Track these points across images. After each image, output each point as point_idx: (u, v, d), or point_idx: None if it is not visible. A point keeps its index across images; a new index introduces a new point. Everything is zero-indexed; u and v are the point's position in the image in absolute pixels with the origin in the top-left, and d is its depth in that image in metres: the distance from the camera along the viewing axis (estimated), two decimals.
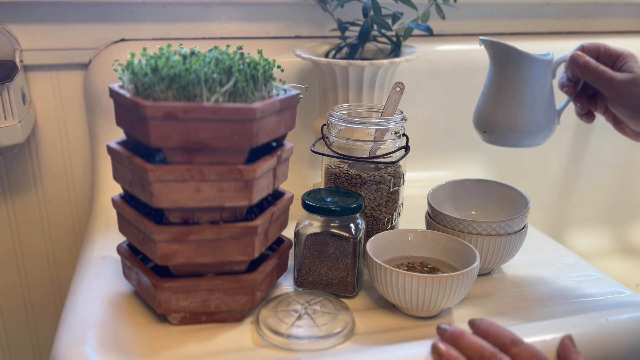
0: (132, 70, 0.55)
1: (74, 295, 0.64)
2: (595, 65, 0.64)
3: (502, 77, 0.68)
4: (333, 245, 0.64)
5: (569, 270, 0.73)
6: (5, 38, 0.87)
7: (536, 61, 0.67)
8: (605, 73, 0.64)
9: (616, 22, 1.16)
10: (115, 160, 0.60)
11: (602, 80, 0.64)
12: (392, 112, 0.73)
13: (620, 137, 0.72)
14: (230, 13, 0.96)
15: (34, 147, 0.94)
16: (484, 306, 0.65)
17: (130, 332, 0.58)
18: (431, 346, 0.53)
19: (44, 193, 0.97)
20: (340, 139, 0.71)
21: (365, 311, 0.63)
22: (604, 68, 0.64)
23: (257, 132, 0.55)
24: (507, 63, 0.68)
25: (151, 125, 0.52)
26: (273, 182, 0.61)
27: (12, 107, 0.82)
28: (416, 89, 1.01)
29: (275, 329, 0.58)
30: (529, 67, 0.67)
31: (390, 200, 0.71)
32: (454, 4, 0.90)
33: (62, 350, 0.54)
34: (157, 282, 0.57)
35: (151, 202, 0.54)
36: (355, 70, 0.81)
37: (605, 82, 0.64)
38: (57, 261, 1.01)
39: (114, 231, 0.72)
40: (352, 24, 0.90)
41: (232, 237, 0.57)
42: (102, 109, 0.91)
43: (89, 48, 0.91)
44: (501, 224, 0.67)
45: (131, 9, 0.91)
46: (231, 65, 0.55)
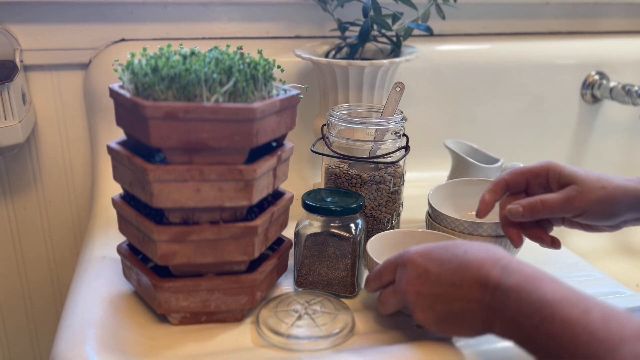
0: (132, 70, 0.55)
1: (74, 295, 0.64)
2: (538, 203, 0.62)
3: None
4: (333, 245, 0.64)
5: (569, 270, 0.73)
6: (5, 38, 0.87)
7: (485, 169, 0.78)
8: (558, 201, 0.62)
9: (616, 22, 1.16)
10: (115, 160, 0.60)
11: (562, 209, 0.62)
12: (392, 112, 0.73)
13: (620, 137, 0.72)
14: (230, 13, 0.96)
15: (34, 147, 0.94)
16: None
17: (130, 332, 0.58)
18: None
19: (44, 193, 0.97)
20: (340, 139, 0.71)
21: (365, 311, 0.63)
22: (550, 197, 0.62)
23: (257, 132, 0.55)
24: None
25: (151, 125, 0.52)
26: (273, 182, 0.61)
27: (12, 107, 0.82)
28: (416, 89, 1.01)
29: (275, 329, 0.58)
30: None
31: (390, 200, 0.71)
32: (454, 4, 0.90)
33: (62, 350, 0.54)
34: (157, 282, 0.57)
35: (151, 202, 0.54)
36: (355, 70, 0.81)
37: (566, 208, 0.62)
38: (57, 261, 1.01)
39: (114, 231, 0.72)
40: (352, 24, 0.90)
41: (232, 237, 0.56)
42: (102, 109, 0.91)
43: (89, 48, 0.91)
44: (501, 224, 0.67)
45: (131, 9, 0.91)
46: (231, 65, 0.55)
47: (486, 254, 0.51)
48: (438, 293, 0.52)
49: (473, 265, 0.50)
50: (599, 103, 1.13)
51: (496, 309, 0.48)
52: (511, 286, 0.47)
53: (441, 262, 0.52)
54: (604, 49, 1.13)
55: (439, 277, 0.52)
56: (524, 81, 1.08)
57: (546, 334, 0.44)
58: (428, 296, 0.52)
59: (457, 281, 0.51)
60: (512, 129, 1.10)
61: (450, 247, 0.54)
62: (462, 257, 0.52)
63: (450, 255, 0.52)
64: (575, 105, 1.12)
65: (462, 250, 0.52)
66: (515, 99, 1.09)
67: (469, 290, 0.50)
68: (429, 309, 0.53)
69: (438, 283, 0.52)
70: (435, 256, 0.53)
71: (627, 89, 1.05)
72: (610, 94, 1.08)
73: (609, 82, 1.09)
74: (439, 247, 0.54)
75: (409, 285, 0.53)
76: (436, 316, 0.52)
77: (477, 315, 0.50)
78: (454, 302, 0.51)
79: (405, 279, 0.54)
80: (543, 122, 1.11)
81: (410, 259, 0.54)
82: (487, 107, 1.07)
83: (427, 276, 0.52)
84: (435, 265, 0.52)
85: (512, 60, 1.07)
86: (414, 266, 0.53)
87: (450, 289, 0.51)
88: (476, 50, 1.06)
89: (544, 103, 1.10)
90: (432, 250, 0.54)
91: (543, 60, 1.08)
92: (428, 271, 0.52)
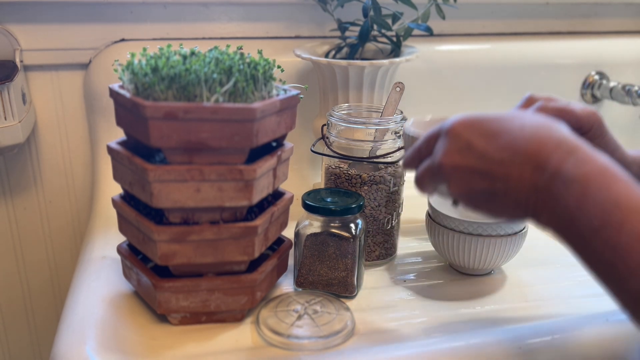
0: (132, 70, 0.55)
1: (74, 296, 0.64)
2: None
3: None
4: (333, 245, 0.64)
5: (569, 270, 0.73)
6: (5, 38, 0.87)
7: None
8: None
9: (616, 22, 1.16)
10: (115, 160, 0.60)
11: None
12: (392, 112, 0.73)
13: (620, 137, 0.72)
14: (230, 13, 0.96)
15: (34, 147, 0.94)
16: (484, 306, 0.65)
17: (130, 332, 0.58)
18: None
19: (44, 193, 0.97)
20: (340, 139, 0.71)
21: (365, 311, 0.63)
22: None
23: (257, 132, 0.55)
24: None
25: (151, 125, 0.52)
26: (273, 182, 0.61)
27: (12, 107, 0.82)
28: (416, 89, 1.01)
29: (275, 329, 0.58)
30: None
31: (390, 200, 0.71)
32: (454, 4, 0.90)
33: (62, 350, 0.54)
34: (157, 282, 0.57)
35: (151, 202, 0.54)
36: (355, 70, 0.81)
37: None
38: (57, 261, 1.01)
39: (114, 231, 0.72)
40: (352, 24, 0.90)
41: (232, 237, 0.56)
42: (102, 109, 0.91)
43: (89, 48, 0.91)
44: (502, 225, 0.67)
45: (131, 9, 0.91)
46: (231, 65, 0.55)
47: (548, 132, 0.44)
48: (479, 169, 0.45)
49: (530, 144, 0.43)
50: (599, 103, 1.13)
51: (549, 198, 0.42)
52: (576, 177, 0.41)
53: (489, 135, 0.45)
54: (604, 49, 1.13)
55: (483, 153, 0.45)
56: (524, 81, 1.08)
57: (607, 241, 0.39)
58: (466, 171, 0.46)
59: (507, 159, 0.44)
60: None
61: (503, 119, 0.46)
62: (517, 133, 0.44)
63: (502, 129, 0.45)
64: None
65: (518, 125, 0.45)
66: (515, 99, 1.07)
67: (518, 170, 0.43)
68: (465, 185, 0.46)
69: (482, 159, 0.45)
70: (483, 128, 0.46)
71: (627, 89, 1.05)
72: (610, 94, 1.08)
73: (609, 82, 1.09)
74: (489, 118, 0.47)
75: (446, 157, 0.47)
76: (473, 194, 0.46)
77: (521, 200, 0.44)
78: (497, 182, 0.45)
79: (443, 150, 0.47)
80: None
81: (452, 130, 0.47)
82: (487, 107, 1.07)
83: (470, 150, 0.46)
84: (482, 138, 0.45)
85: (512, 60, 1.07)
86: (455, 137, 0.47)
87: (496, 166, 0.44)
88: (476, 50, 1.06)
89: None
90: (479, 121, 0.47)
91: (543, 60, 1.08)
92: (471, 144, 0.46)
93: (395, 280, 0.70)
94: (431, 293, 0.67)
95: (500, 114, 0.47)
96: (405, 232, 0.81)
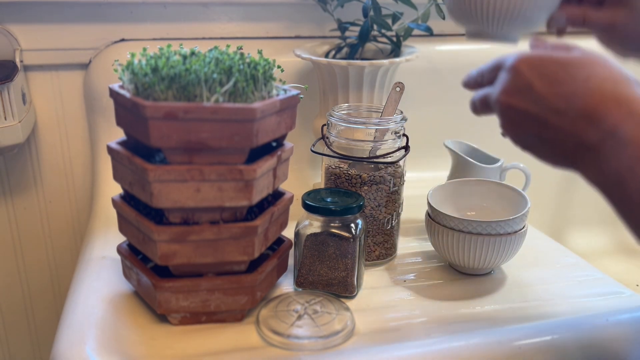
0: (132, 70, 0.55)
1: (74, 295, 0.64)
2: (581, 18, 0.57)
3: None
4: (333, 245, 0.64)
5: (569, 270, 0.73)
6: (5, 38, 0.87)
7: None
8: (602, 21, 0.56)
9: None
10: (115, 160, 0.60)
11: (604, 30, 0.57)
12: (392, 112, 0.73)
13: None
14: (230, 13, 0.96)
15: (34, 147, 0.94)
16: (484, 306, 0.65)
17: (130, 332, 0.58)
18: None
19: (44, 193, 0.97)
20: (340, 139, 0.71)
21: (365, 311, 0.63)
22: (595, 15, 0.57)
23: (257, 132, 0.55)
24: None
25: (151, 125, 0.52)
26: (273, 182, 0.61)
27: (12, 107, 0.82)
28: (416, 89, 1.01)
29: (275, 329, 0.58)
30: None
31: (390, 200, 0.71)
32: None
33: (62, 350, 0.54)
34: (157, 282, 0.57)
35: (151, 202, 0.54)
36: (355, 70, 0.81)
37: (608, 30, 0.57)
38: (57, 261, 1.01)
39: (114, 231, 0.72)
40: (352, 24, 0.90)
41: (232, 237, 0.56)
42: (102, 109, 0.91)
43: (89, 48, 0.91)
44: (501, 224, 0.67)
45: (131, 9, 0.91)
46: (231, 65, 0.55)
47: (612, 88, 0.42)
48: (534, 113, 0.44)
49: (590, 98, 0.42)
50: None
51: (599, 155, 0.42)
52: (633, 139, 0.40)
53: (552, 80, 0.44)
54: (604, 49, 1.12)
55: (542, 98, 0.44)
56: None
57: None
58: (520, 112, 0.45)
59: (562, 109, 0.43)
60: None
61: (571, 64, 0.44)
62: (580, 83, 0.43)
63: (566, 76, 0.44)
64: None
65: (584, 75, 0.43)
66: None
67: (572, 122, 0.42)
68: (517, 125, 0.46)
69: (538, 103, 0.44)
70: (548, 71, 0.44)
71: None
72: None
73: None
74: (557, 60, 0.45)
75: (504, 94, 0.46)
76: (522, 135, 0.46)
77: (568, 150, 0.44)
78: (548, 130, 0.44)
79: (502, 87, 0.46)
80: None
81: (516, 67, 0.46)
82: None
83: (529, 92, 0.45)
84: (544, 82, 0.44)
85: None
86: (517, 75, 0.46)
87: (550, 114, 0.43)
88: (476, 50, 1.06)
89: None
90: (545, 61, 0.45)
91: None
92: (532, 87, 0.44)
93: (395, 280, 0.70)
94: (431, 293, 0.67)
95: (569, 57, 0.45)
96: (405, 232, 0.81)
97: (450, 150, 0.86)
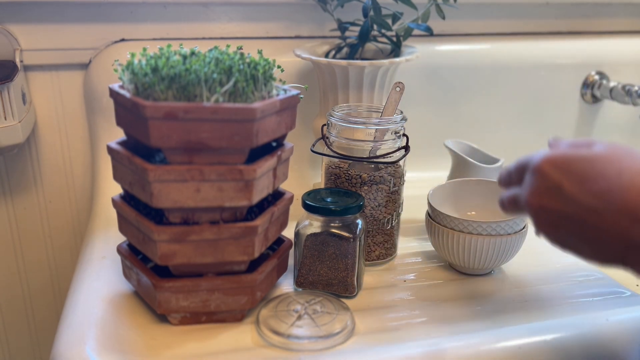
0: (132, 70, 0.55)
1: (74, 295, 0.64)
2: None
3: None
4: (333, 245, 0.64)
5: (569, 270, 0.73)
6: (5, 38, 0.87)
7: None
8: None
9: (616, 22, 1.16)
10: (115, 160, 0.60)
11: None
12: (392, 112, 0.73)
13: (620, 137, 0.72)
14: (230, 13, 0.96)
15: (34, 147, 0.94)
16: (484, 306, 0.65)
17: (130, 332, 0.58)
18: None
19: (44, 193, 0.97)
20: (340, 139, 0.71)
21: (365, 311, 0.63)
22: None
23: (257, 132, 0.55)
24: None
25: (151, 125, 0.52)
26: (273, 182, 0.61)
27: (12, 107, 0.82)
28: (416, 89, 1.01)
29: (275, 329, 0.58)
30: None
31: (390, 200, 0.71)
32: (454, 4, 0.90)
33: (62, 350, 0.54)
34: (157, 282, 0.57)
35: (151, 202, 0.54)
36: (355, 70, 0.81)
37: None
38: (57, 261, 1.01)
39: (114, 231, 0.72)
40: (352, 24, 0.90)
41: (232, 237, 0.56)
42: (102, 109, 0.91)
43: (89, 48, 0.91)
44: (501, 224, 0.67)
45: (131, 9, 0.91)
46: (231, 65, 0.55)
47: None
48: (570, 214, 0.43)
49: (627, 193, 0.40)
50: (599, 103, 1.13)
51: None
52: None
53: (583, 179, 0.42)
54: (604, 49, 1.13)
55: (575, 197, 0.42)
56: (524, 81, 1.08)
57: None
58: (555, 214, 0.44)
59: (600, 208, 0.41)
60: (512, 129, 1.10)
61: (598, 160, 0.43)
62: (614, 180, 0.41)
63: (597, 172, 0.42)
64: (575, 105, 1.12)
65: (615, 169, 0.42)
66: (515, 99, 1.09)
67: (612, 220, 0.41)
68: (553, 227, 0.45)
69: (572, 203, 0.42)
70: (576, 170, 0.43)
71: (627, 89, 1.05)
72: (610, 94, 1.08)
73: (609, 82, 1.09)
74: (581, 157, 0.44)
75: (533, 196, 0.45)
76: (561, 236, 0.45)
77: (616, 251, 0.42)
78: (588, 230, 0.42)
79: (531, 189, 0.45)
80: (543, 122, 1.11)
81: (540, 168, 0.45)
82: (487, 107, 1.07)
83: (560, 192, 0.43)
84: (574, 181, 0.43)
85: (512, 60, 1.07)
86: (544, 177, 0.44)
87: (587, 214, 0.42)
88: (476, 50, 1.06)
89: (544, 103, 1.10)
90: (570, 161, 0.44)
91: (543, 60, 1.08)
92: (561, 187, 0.43)
93: (395, 280, 0.70)
94: (431, 293, 0.67)
95: (594, 153, 0.44)
96: (405, 232, 0.81)
97: (450, 150, 0.86)
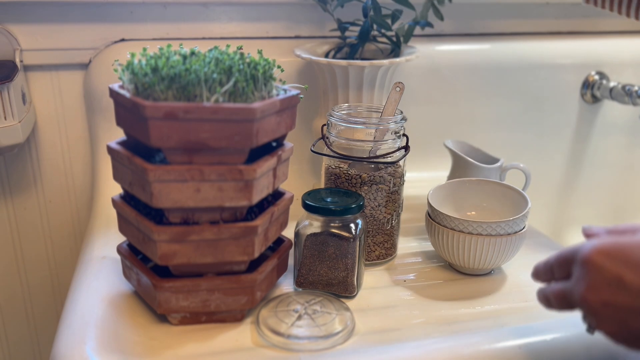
0: (132, 70, 0.55)
1: (74, 295, 0.64)
2: None
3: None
4: (333, 245, 0.64)
5: None
6: (5, 38, 0.87)
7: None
8: None
9: (616, 22, 1.16)
10: (115, 160, 0.60)
11: None
12: (392, 112, 0.73)
13: (620, 137, 0.72)
14: (230, 13, 0.96)
15: (34, 147, 0.94)
16: (484, 306, 0.65)
17: (130, 332, 0.58)
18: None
19: (44, 193, 0.97)
20: (340, 139, 0.71)
21: (365, 311, 0.63)
22: None
23: (257, 132, 0.55)
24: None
25: (151, 125, 0.52)
26: (273, 182, 0.61)
27: (12, 107, 0.82)
28: (416, 89, 1.01)
29: (275, 329, 0.58)
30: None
31: (390, 200, 0.71)
32: (449, 3, 0.90)
33: (62, 350, 0.54)
34: (157, 282, 0.57)
35: (151, 202, 0.54)
36: (355, 70, 0.81)
37: None
38: (57, 261, 1.01)
39: (114, 231, 0.72)
40: (352, 24, 0.90)
41: (232, 237, 0.57)
42: (102, 109, 0.91)
43: (89, 48, 0.91)
44: (501, 224, 0.67)
45: (131, 9, 0.91)
46: (231, 65, 0.55)
47: None
48: (638, 308, 0.40)
49: None
50: (599, 103, 1.13)
51: None
52: None
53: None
54: (604, 49, 1.13)
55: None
56: (524, 81, 1.08)
57: None
58: (622, 309, 0.41)
59: None
60: (512, 129, 1.10)
61: None
62: None
63: None
64: (575, 105, 1.12)
65: None
66: (515, 99, 1.09)
67: None
68: (621, 324, 0.42)
69: (639, 295, 0.40)
70: (630, 258, 0.41)
71: (627, 89, 1.05)
72: (610, 94, 1.08)
73: (609, 82, 1.09)
74: (632, 244, 0.41)
75: (593, 293, 0.42)
76: (631, 333, 0.42)
77: None
78: None
79: (587, 284, 0.42)
80: (543, 122, 1.11)
81: (591, 261, 0.42)
82: (487, 107, 1.07)
83: (622, 285, 0.40)
84: (635, 271, 0.40)
85: (512, 60, 1.07)
86: (598, 270, 0.42)
87: None
88: (476, 50, 1.06)
89: (544, 103, 1.10)
90: (621, 249, 0.41)
91: (543, 60, 1.08)
92: (622, 279, 0.40)
93: (395, 280, 0.70)
94: (431, 293, 0.67)
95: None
96: (405, 232, 0.81)
97: (450, 150, 0.86)
